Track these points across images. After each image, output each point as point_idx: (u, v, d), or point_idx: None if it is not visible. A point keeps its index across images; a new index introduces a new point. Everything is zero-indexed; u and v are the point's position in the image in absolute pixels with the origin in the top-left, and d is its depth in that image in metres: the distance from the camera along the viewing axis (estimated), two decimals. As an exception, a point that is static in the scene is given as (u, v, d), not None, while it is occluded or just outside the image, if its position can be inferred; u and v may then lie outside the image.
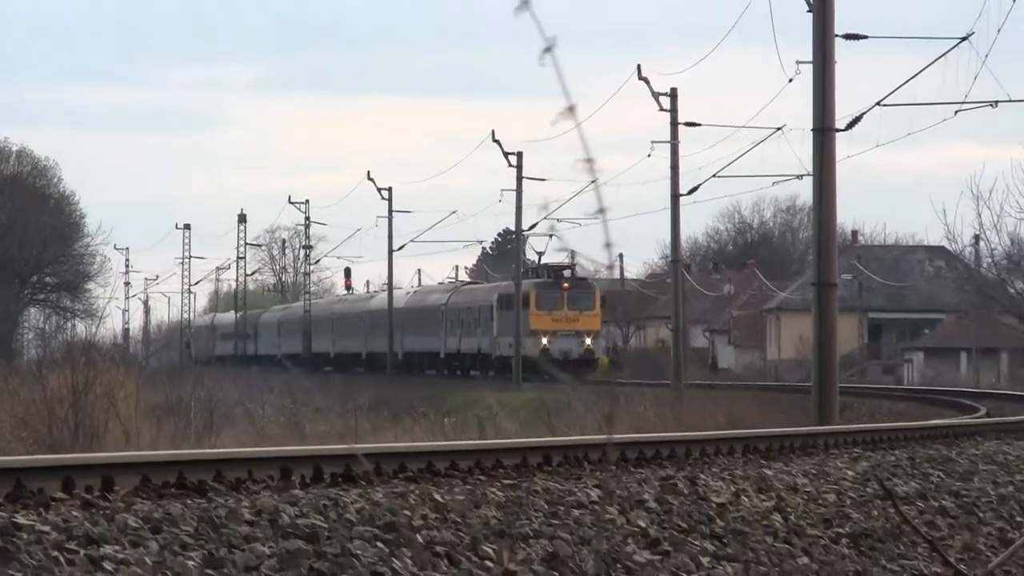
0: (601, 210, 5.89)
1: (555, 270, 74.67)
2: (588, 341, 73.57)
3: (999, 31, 49.21)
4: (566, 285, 73.61)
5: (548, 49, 5.26)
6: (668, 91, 74.17)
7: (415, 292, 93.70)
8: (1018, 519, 20.87)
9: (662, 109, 73.46)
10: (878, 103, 44.76)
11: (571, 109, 5.45)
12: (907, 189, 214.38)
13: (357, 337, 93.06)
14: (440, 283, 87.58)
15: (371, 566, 12.68)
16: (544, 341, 71.50)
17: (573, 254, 77.06)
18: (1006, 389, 77.49)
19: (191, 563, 11.60)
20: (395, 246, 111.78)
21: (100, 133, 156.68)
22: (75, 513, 12.15)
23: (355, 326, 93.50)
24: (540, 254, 78.93)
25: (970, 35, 42.89)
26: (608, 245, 5.53)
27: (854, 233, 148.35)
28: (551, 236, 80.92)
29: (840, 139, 38.41)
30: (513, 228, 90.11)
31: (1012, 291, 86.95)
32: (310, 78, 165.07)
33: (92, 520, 12.01)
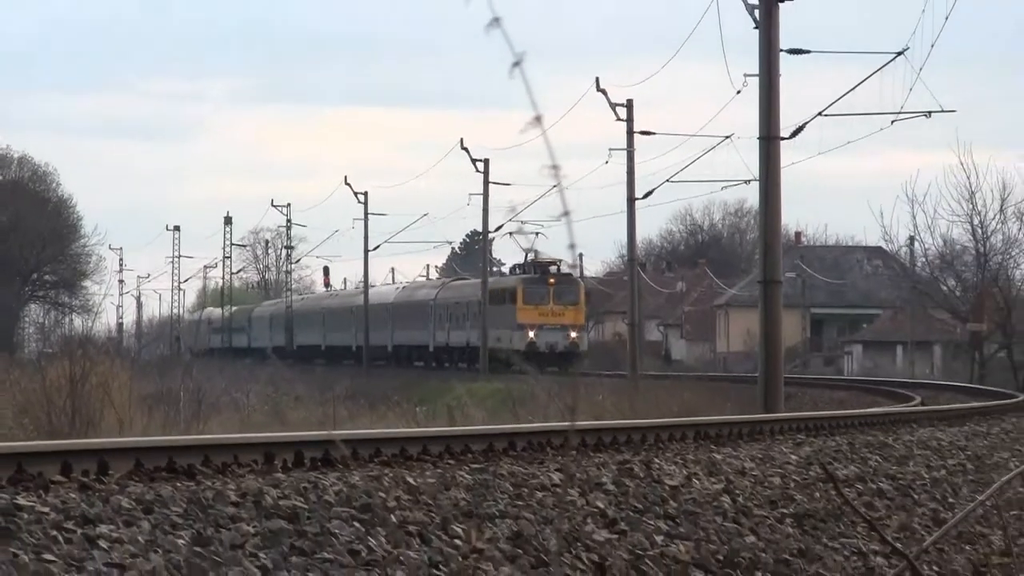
0: (565, 213, 5.87)
1: (541, 266, 72.83)
2: (573, 334, 72.04)
3: (932, 46, 49.49)
4: (552, 281, 71.82)
5: (517, 63, 5.25)
6: (625, 102, 74.32)
7: (404, 287, 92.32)
8: (950, 500, 20.86)
9: (619, 119, 73.63)
10: (820, 113, 44.88)
11: (538, 119, 5.44)
12: (847, 194, 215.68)
13: (348, 331, 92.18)
14: (428, 278, 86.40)
15: (348, 544, 12.65)
16: (531, 335, 69.81)
17: (536, 253, 77.37)
18: (939, 380, 77.84)
19: (180, 541, 11.57)
20: (371, 246, 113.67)
21: (93, 141, 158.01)
22: (72, 495, 12.18)
23: (345, 320, 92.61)
24: (527, 251, 77.06)
25: (905, 50, 43.06)
26: (571, 246, 5.51)
27: (797, 234, 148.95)
28: (536, 234, 78.95)
29: (784, 147, 38.56)
30: (480, 230, 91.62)
31: (944, 288, 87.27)
32: (287, 91, 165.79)
33: (88, 502, 12.03)
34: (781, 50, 36.93)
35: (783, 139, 38.62)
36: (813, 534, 17.81)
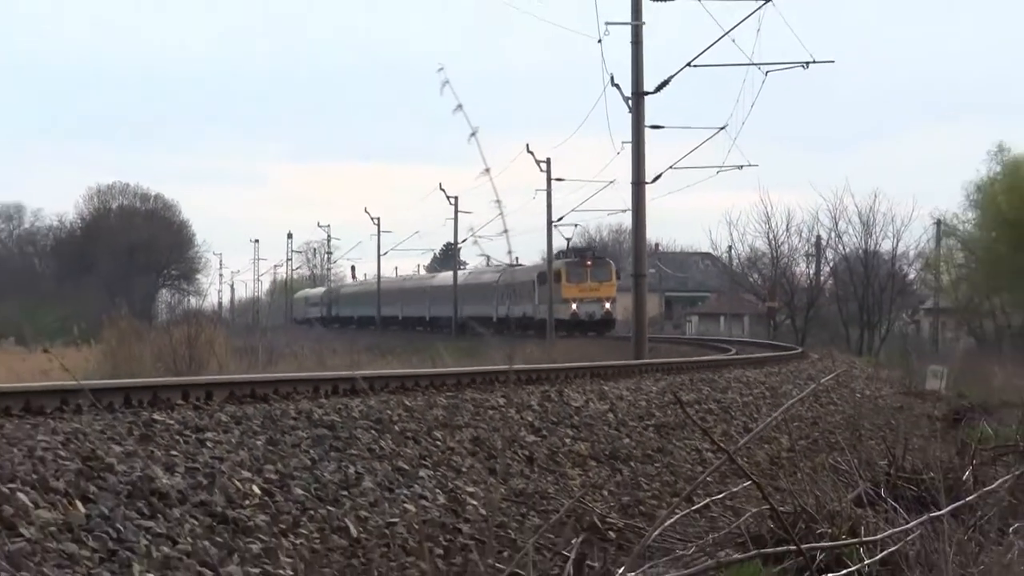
0: (505, 231, 6.03)
1: (580, 252, 67.80)
2: (607, 305, 65.70)
3: (743, 123, 50.15)
4: (589, 263, 65.53)
5: (473, 134, 5.46)
6: (545, 159, 74.23)
7: (470, 273, 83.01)
8: (755, 416, 20.89)
9: (541, 170, 73.78)
10: (671, 167, 44.64)
11: (487, 170, 5.61)
12: (689, 218, 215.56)
13: (421, 304, 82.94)
14: (488, 267, 79.23)
15: (367, 444, 12.77)
16: (574, 307, 63.74)
17: (488, 258, 76.87)
18: (747, 339, 78.06)
19: (259, 442, 11.67)
20: (382, 252, 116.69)
21: (201, 182, 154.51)
22: (189, 413, 12.24)
23: (418, 297, 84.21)
24: (568, 239, 72.16)
25: (725, 126, 42.98)
26: (509, 252, 5.67)
27: (656, 245, 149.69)
28: (576, 225, 76.11)
29: (649, 189, 38.49)
30: (452, 241, 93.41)
31: (751, 280, 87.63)
32: (322, 150, 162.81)
33: (199, 417, 12.11)
34: (646, 126, 37.01)
35: (648, 183, 38.56)
36: (667, 437, 17.97)
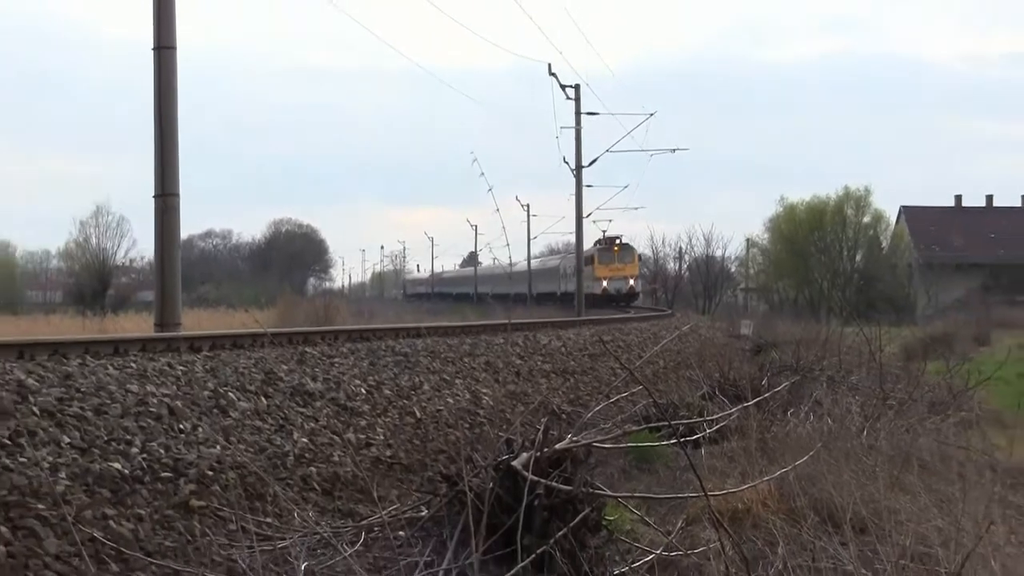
0: (507, 243, 6.26)
1: (609, 241, 53.21)
2: (631, 282, 51.95)
3: (639, 182, 49.08)
4: (616, 249, 52.00)
5: (490, 189, 5.78)
6: (526, 204, 72.20)
7: (541, 259, 66.66)
8: (645, 349, 20.05)
9: (524, 211, 72.77)
10: (598, 208, 43.69)
11: (497, 209, 5.88)
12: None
13: (507, 285, 65.51)
14: (553, 255, 67.22)
15: (426, 365, 12.66)
16: (604, 284, 50.74)
17: (495, 259, 72.11)
18: (641, 306, 77.05)
19: (364, 363, 11.61)
20: (438, 255, 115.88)
21: (327, 207, 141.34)
22: (325, 347, 12.09)
23: (503, 280, 67.53)
24: (604, 232, 55.48)
25: (628, 185, 42.64)
26: (527, 256, 5.66)
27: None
28: (610, 221, 59.06)
29: (586, 221, 36.61)
30: (473, 250, 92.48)
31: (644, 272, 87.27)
32: (403, 196, 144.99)
33: (331, 349, 12.01)
34: (585, 185, 35.89)
35: (585, 217, 36.84)
36: (595, 361, 17.70)
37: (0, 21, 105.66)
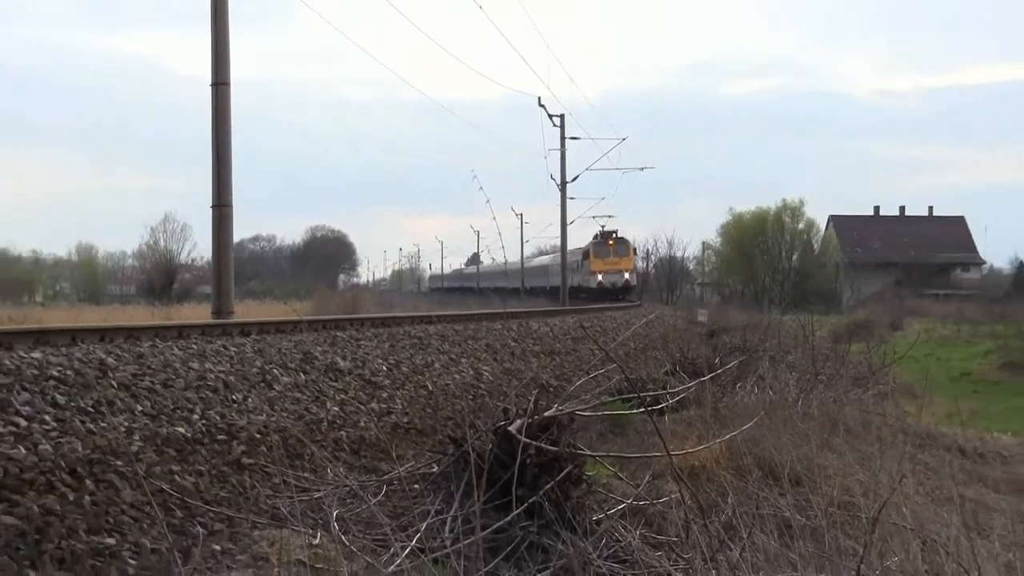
0: (503, 246, 6.16)
1: (605, 235, 45.14)
2: (626, 276, 43.95)
3: (614, 194, 48.29)
4: (611, 243, 44.22)
5: (488, 201, 5.74)
6: (520, 214, 71.20)
7: (533, 258, 60.48)
8: (619, 333, 19.56)
9: (518, 219, 72.35)
10: (579, 216, 43.34)
11: (494, 218, 5.81)
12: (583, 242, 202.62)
13: (502, 281, 60.30)
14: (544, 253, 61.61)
15: (436, 346, 12.55)
16: (599, 277, 43.31)
17: (493, 259, 67.41)
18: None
19: (385, 345, 11.52)
20: (445, 256, 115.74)
21: (355, 219, 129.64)
22: (353, 332, 12.04)
23: (500, 276, 61.95)
24: (603, 227, 46.70)
25: (604, 197, 41.42)
26: (521, 256, 5.57)
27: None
28: (610, 216, 51.11)
29: (570, 228, 35.93)
30: (475, 252, 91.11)
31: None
32: (418, 207, 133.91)
33: (358, 333, 11.93)
34: (568, 197, 35.19)
35: (569, 224, 35.28)
36: (577, 343, 17.43)
37: (101, 64, 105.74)
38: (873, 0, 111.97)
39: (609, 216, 46.10)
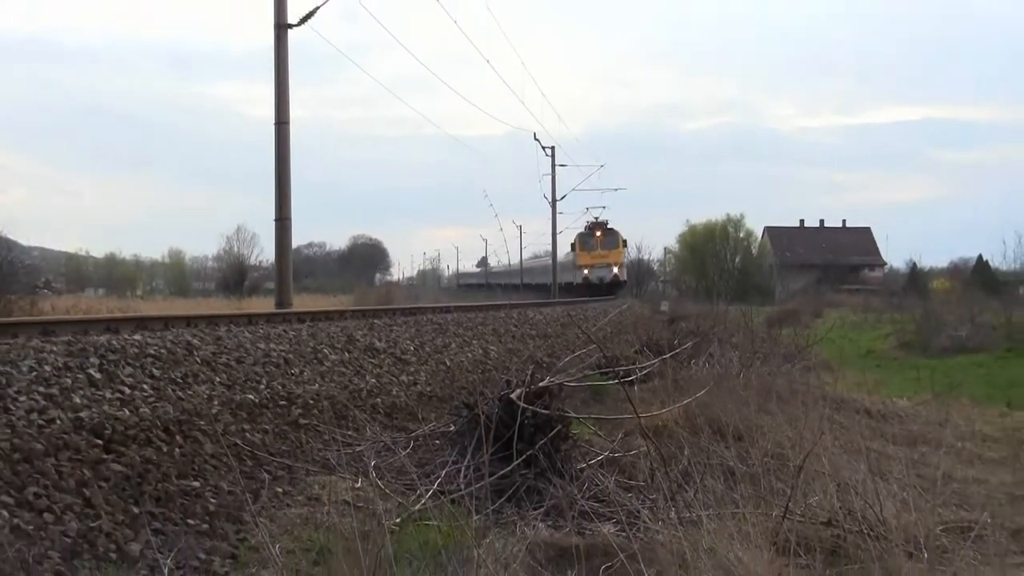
0: (507, 251, 6.05)
1: (592, 226, 34.28)
2: (615, 270, 33.20)
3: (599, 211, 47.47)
4: (599, 235, 33.50)
5: (496, 215, 5.57)
6: (519, 225, 68.78)
7: (536, 258, 53.32)
8: (601, 318, 19.32)
9: (516, 227, 70.42)
10: (567, 228, 42.09)
11: (501, 229, 5.72)
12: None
13: (506, 279, 55.70)
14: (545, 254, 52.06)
15: (453, 331, 12.35)
16: (586, 272, 33.18)
17: (499, 261, 63.19)
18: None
19: (412, 329, 11.34)
20: (460, 259, 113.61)
21: (396, 224, 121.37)
22: (387, 319, 11.91)
23: (504, 275, 56.62)
24: (597, 218, 35.09)
25: (588, 209, 34.79)
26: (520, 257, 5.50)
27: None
28: (604, 207, 46.38)
29: (560, 237, 35.50)
30: (484, 256, 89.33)
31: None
32: (433, 220, 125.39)
33: (392, 321, 11.78)
34: (559, 212, 33.45)
35: (559, 233, 34.85)
36: (565, 328, 16.91)
37: (191, 107, 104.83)
38: (799, 57, 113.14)
39: (603, 207, 38.12)
